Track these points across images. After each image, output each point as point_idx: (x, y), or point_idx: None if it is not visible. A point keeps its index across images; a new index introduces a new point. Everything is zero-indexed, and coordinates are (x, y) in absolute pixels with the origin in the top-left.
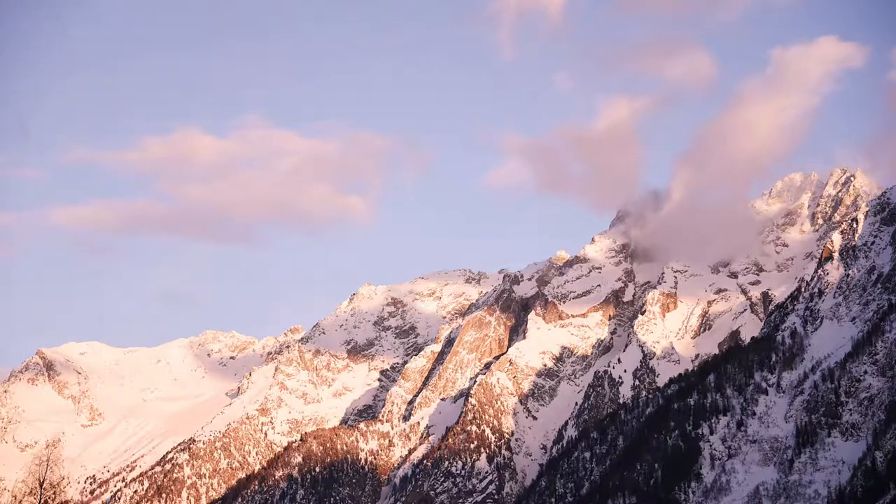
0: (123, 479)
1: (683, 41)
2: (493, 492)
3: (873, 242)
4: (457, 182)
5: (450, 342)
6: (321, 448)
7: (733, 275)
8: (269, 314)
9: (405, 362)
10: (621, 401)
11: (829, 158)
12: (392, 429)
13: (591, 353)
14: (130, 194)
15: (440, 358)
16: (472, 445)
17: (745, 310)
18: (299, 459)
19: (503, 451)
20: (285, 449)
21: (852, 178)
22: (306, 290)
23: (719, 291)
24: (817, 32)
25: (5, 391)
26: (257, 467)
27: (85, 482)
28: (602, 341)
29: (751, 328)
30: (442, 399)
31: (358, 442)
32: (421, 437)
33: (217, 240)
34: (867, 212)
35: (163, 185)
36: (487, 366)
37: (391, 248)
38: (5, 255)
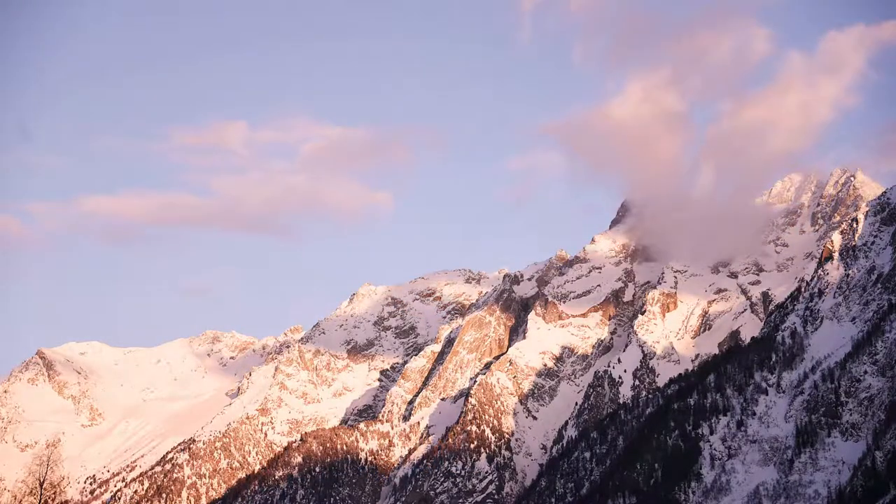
0: (123, 479)
1: (734, 16)
2: (493, 492)
3: (873, 242)
4: (478, 171)
5: (450, 342)
6: (321, 448)
7: (733, 275)
8: (270, 314)
9: (405, 362)
10: (621, 401)
11: (862, 144)
12: (392, 429)
13: (591, 353)
14: (161, 185)
15: (440, 358)
16: (472, 445)
17: (745, 310)
18: (299, 459)
19: (503, 451)
20: (285, 449)
21: (852, 178)
22: (319, 285)
23: (719, 291)
24: (887, 14)
25: (5, 391)
26: (257, 467)
27: (85, 482)
28: (602, 341)
29: (751, 328)
30: (442, 399)
31: (358, 442)
32: (421, 437)
33: (233, 233)
34: (867, 212)
35: (193, 177)
36: (487, 366)
37: (391, 248)
38: (31, 245)
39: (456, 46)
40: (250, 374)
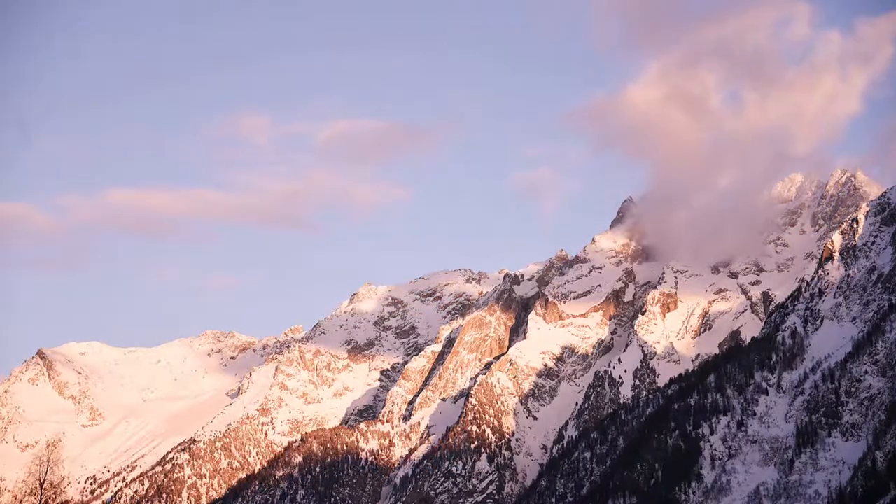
0: (123, 479)
1: None
2: (494, 492)
3: (873, 242)
4: (495, 162)
5: (450, 342)
6: (321, 448)
7: (733, 275)
8: (270, 313)
9: (405, 362)
10: (621, 401)
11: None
12: (392, 429)
13: (592, 353)
14: (184, 179)
15: (440, 358)
16: (473, 445)
17: (746, 310)
18: (299, 459)
19: (503, 451)
20: (285, 449)
21: (853, 179)
22: (322, 284)
23: (719, 291)
24: None
25: (5, 391)
26: (257, 467)
27: (85, 482)
28: (602, 341)
29: (751, 328)
30: (442, 399)
31: (358, 442)
32: (421, 437)
33: (248, 228)
34: (867, 212)
35: (216, 171)
36: (488, 366)
37: (395, 247)
38: (51, 236)
39: (471, 38)
40: (250, 374)
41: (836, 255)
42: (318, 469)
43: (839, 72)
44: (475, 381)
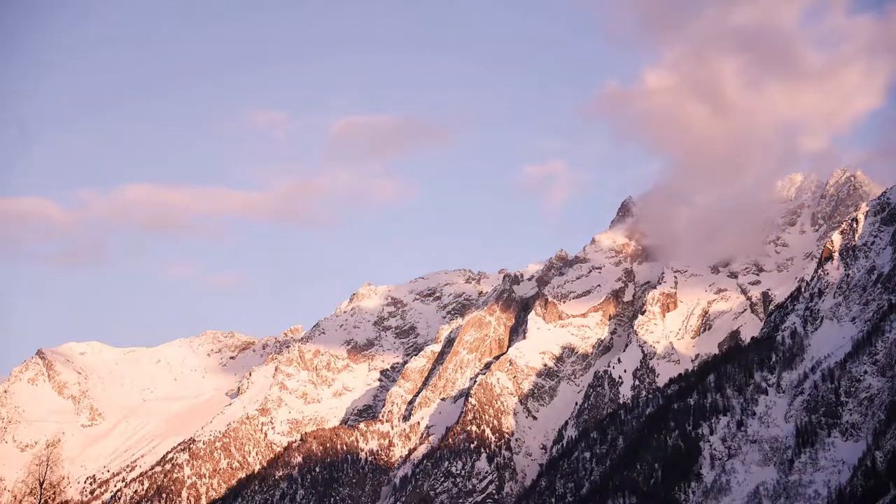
0: (123, 479)
1: None
2: (493, 492)
3: (873, 242)
4: (505, 157)
5: (450, 342)
6: (321, 448)
7: (733, 275)
8: (270, 313)
9: (405, 362)
10: (621, 401)
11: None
12: (392, 429)
13: (591, 353)
14: (198, 176)
15: (440, 358)
16: (472, 445)
17: (745, 310)
18: (299, 459)
19: (503, 451)
20: (285, 449)
21: (852, 178)
22: (323, 283)
23: (719, 291)
24: None
25: (5, 391)
26: (257, 467)
27: (85, 482)
28: (602, 341)
29: (751, 328)
30: (442, 399)
31: (358, 442)
32: (421, 437)
33: (257, 225)
34: (867, 212)
35: (230, 167)
36: (487, 366)
37: (391, 248)
38: (67, 230)
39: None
40: (250, 374)
41: (836, 254)
42: (317, 469)
43: (865, 62)
44: (475, 381)
